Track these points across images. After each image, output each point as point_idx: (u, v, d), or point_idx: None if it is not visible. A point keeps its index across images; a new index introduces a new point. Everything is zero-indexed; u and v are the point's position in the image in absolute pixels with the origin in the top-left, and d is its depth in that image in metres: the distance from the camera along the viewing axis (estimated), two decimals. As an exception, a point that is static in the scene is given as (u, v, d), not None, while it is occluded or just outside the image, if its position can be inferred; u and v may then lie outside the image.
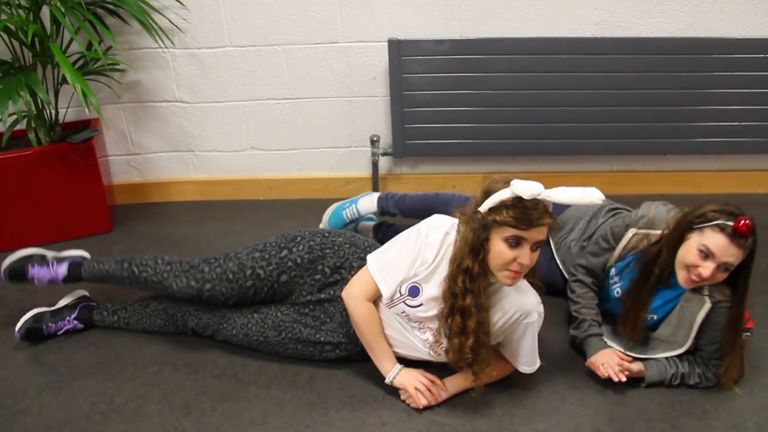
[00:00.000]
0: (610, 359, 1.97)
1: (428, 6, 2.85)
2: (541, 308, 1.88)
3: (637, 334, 2.01)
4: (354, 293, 1.91)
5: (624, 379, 1.92)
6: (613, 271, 2.10)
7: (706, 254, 1.81)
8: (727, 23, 2.86)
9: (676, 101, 2.93)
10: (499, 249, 1.71)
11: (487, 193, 1.72)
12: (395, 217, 2.61)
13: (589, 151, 3.07)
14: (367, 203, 2.60)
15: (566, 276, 2.24)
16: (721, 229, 1.79)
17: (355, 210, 2.61)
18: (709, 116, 2.96)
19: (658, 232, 1.98)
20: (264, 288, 2.04)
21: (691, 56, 2.85)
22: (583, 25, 2.88)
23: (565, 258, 2.28)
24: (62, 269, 2.17)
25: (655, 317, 2.01)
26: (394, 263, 1.88)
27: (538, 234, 1.69)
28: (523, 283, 1.86)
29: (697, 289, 1.92)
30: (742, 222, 1.76)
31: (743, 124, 2.97)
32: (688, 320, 1.93)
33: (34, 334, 2.18)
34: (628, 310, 2.00)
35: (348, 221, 2.62)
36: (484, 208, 1.71)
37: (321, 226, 2.67)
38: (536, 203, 1.67)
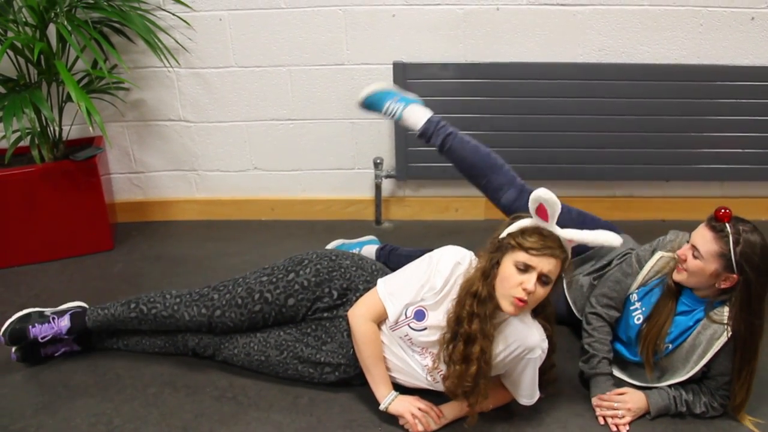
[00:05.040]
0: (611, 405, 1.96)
1: (434, 30, 2.86)
2: (545, 345, 1.86)
3: (652, 359, 1.99)
4: (359, 313, 1.92)
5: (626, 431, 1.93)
6: (634, 296, 2.07)
7: (692, 247, 1.88)
8: (731, 51, 2.88)
9: (680, 127, 2.93)
10: (508, 272, 1.73)
11: (510, 222, 1.81)
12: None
13: (591, 176, 3.08)
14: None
15: (576, 314, 2.22)
16: (707, 221, 1.88)
17: None
18: (712, 143, 2.97)
19: None
20: (272, 312, 2.04)
21: (694, 83, 2.86)
22: (588, 50, 2.89)
23: (576, 297, 2.25)
24: (64, 322, 2.14)
25: (671, 347, 1.97)
26: (402, 286, 1.90)
27: (547, 264, 1.71)
28: (528, 318, 1.85)
29: (716, 318, 1.90)
30: (723, 211, 1.84)
31: (746, 150, 2.98)
32: (703, 347, 1.91)
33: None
34: (646, 333, 1.99)
35: None
36: (503, 233, 1.78)
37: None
38: (550, 233, 1.74)
